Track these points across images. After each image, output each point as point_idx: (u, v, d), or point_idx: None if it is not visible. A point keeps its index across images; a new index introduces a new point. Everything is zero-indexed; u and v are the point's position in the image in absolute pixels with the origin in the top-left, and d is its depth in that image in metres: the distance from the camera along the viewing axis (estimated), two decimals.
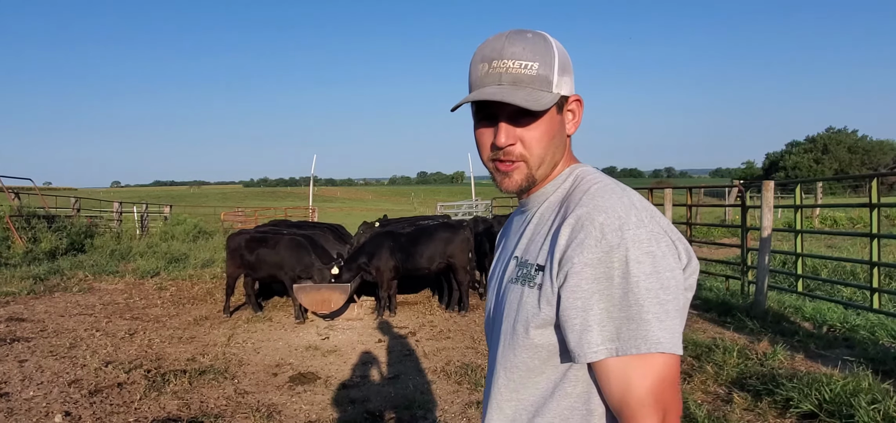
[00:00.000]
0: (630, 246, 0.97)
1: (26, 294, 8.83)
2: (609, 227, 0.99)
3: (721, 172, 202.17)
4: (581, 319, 0.99)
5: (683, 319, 1.11)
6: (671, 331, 0.96)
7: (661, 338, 0.95)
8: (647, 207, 1.05)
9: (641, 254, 0.97)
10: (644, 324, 0.95)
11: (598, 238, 0.99)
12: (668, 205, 9.36)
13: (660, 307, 0.96)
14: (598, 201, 1.03)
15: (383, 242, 7.92)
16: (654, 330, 0.95)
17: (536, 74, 1.09)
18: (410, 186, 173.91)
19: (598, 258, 0.98)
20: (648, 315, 0.95)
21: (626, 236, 0.98)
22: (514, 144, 1.12)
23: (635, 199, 1.05)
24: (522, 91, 1.08)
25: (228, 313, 7.92)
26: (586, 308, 0.99)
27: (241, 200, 65.34)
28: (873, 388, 4.01)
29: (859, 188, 32.76)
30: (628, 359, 0.96)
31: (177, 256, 12.91)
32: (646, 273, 0.96)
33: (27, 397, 4.72)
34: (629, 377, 0.97)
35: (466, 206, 27.16)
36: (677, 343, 0.97)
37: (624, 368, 0.97)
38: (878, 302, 6.11)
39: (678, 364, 0.98)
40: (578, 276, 0.99)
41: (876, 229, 6.12)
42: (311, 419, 4.45)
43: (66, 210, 17.34)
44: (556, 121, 1.13)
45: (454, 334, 6.87)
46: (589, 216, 1.01)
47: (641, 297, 0.96)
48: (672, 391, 0.97)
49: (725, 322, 6.64)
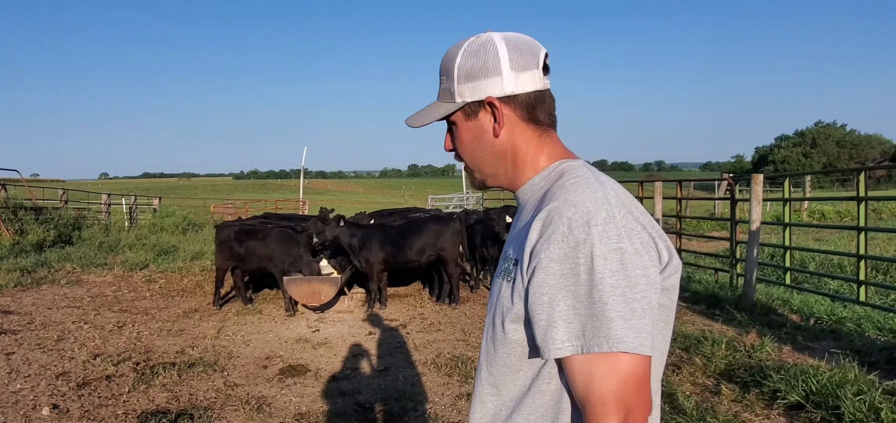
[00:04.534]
0: (596, 242, 0.96)
1: (13, 287, 8.74)
2: (576, 222, 0.98)
3: (711, 166, 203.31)
4: (546, 314, 0.99)
5: (670, 318, 1.10)
6: (636, 330, 0.94)
7: (623, 337, 0.93)
8: (626, 202, 1.03)
9: (609, 250, 0.96)
10: (607, 322, 0.94)
11: (565, 233, 0.98)
12: (657, 198, 9.40)
13: (625, 306, 0.94)
14: (570, 196, 1.02)
15: (373, 234, 7.90)
16: (617, 329, 0.94)
17: (444, 88, 1.18)
18: (401, 178, 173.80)
19: (565, 254, 0.97)
20: (612, 313, 0.94)
21: (592, 232, 0.96)
22: (451, 149, 1.24)
23: (611, 194, 1.03)
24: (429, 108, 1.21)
25: (218, 306, 7.89)
26: (552, 304, 0.98)
27: (231, 193, 65.03)
28: (859, 379, 4.06)
29: (847, 182, 33.03)
30: (592, 357, 0.95)
31: (166, 248, 12.82)
32: (612, 270, 0.95)
33: (14, 390, 4.68)
34: (592, 374, 0.95)
35: (457, 199, 27.16)
36: (643, 343, 0.94)
37: (588, 365, 0.96)
38: (864, 295, 6.17)
39: (645, 364, 0.96)
40: (545, 271, 0.99)
41: (863, 222, 6.18)
42: (302, 411, 4.44)
43: (54, 202, 17.19)
44: (469, 127, 1.18)
45: (444, 326, 6.88)
46: (558, 211, 1.01)
47: (606, 294, 0.94)
48: (637, 390, 0.95)
49: (714, 315, 6.69)
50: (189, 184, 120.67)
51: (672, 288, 1.07)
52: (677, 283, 1.07)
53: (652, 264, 0.99)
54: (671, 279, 1.05)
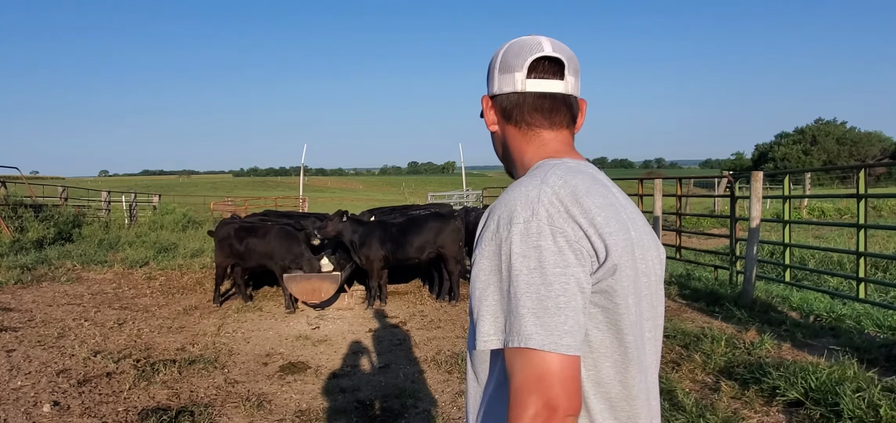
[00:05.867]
0: (515, 240, 1.00)
1: (14, 284, 8.75)
2: (503, 220, 1.03)
3: (711, 163, 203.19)
4: (477, 308, 1.04)
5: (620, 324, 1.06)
6: (549, 329, 0.95)
7: (532, 333, 0.95)
8: (568, 199, 1.03)
9: (528, 248, 0.99)
10: (519, 319, 0.97)
11: (493, 231, 1.04)
12: (657, 196, 9.40)
13: (538, 303, 0.96)
14: (507, 194, 1.07)
15: (374, 231, 7.91)
16: (527, 325, 0.96)
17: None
18: (401, 176, 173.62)
19: (492, 251, 1.03)
20: (524, 310, 0.96)
21: (513, 231, 1.01)
22: None
23: (549, 191, 1.04)
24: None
25: (218, 303, 7.90)
26: (481, 298, 1.03)
27: (231, 190, 65.01)
28: (858, 376, 4.07)
29: (847, 179, 33.04)
30: (512, 350, 0.98)
31: (166, 245, 12.83)
32: (528, 268, 0.98)
33: (15, 387, 4.69)
34: (513, 367, 0.98)
35: (457, 195, 27.16)
36: (557, 341, 0.94)
37: (510, 358, 0.99)
38: (863, 292, 6.17)
39: (565, 362, 0.95)
40: (477, 267, 1.05)
41: (863, 219, 6.17)
42: (302, 408, 4.45)
43: (54, 199, 17.18)
44: (486, 120, 1.27)
45: (444, 323, 6.89)
46: (493, 209, 1.07)
47: (520, 291, 0.97)
48: (556, 388, 0.94)
49: (714, 312, 6.70)
50: (189, 181, 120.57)
51: (610, 291, 1.04)
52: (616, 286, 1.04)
53: (578, 264, 0.99)
54: (606, 282, 1.03)
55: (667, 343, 5.56)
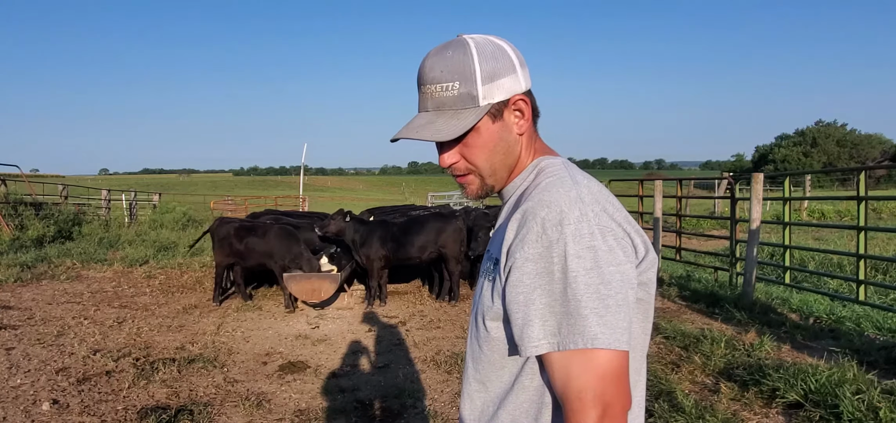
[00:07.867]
0: (569, 241, 0.98)
1: (13, 282, 8.75)
2: (549, 222, 1.00)
3: (711, 165, 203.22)
4: (523, 313, 1.01)
5: (649, 312, 1.12)
6: (612, 327, 0.96)
7: (598, 334, 0.95)
8: (601, 199, 1.04)
9: (582, 248, 0.98)
10: (582, 320, 0.96)
11: (538, 233, 1.00)
12: (657, 197, 9.40)
13: (599, 303, 0.96)
14: (544, 195, 1.04)
15: (375, 230, 7.90)
16: (592, 326, 0.95)
17: (458, 94, 1.10)
18: (401, 175, 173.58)
19: (539, 253, 1.00)
20: (586, 310, 0.96)
21: (565, 231, 0.98)
22: (457, 162, 1.16)
23: (586, 192, 1.04)
24: (441, 118, 1.10)
25: (218, 302, 7.89)
26: (528, 303, 1.00)
27: (231, 189, 64.98)
28: (858, 378, 4.06)
29: (847, 181, 33.04)
30: (569, 354, 0.97)
31: (166, 244, 12.83)
32: (585, 268, 0.97)
33: (14, 385, 4.69)
34: (569, 371, 0.97)
35: (457, 196, 27.16)
36: (619, 338, 0.96)
37: (565, 362, 0.98)
38: (863, 294, 6.17)
39: (623, 359, 0.97)
40: (520, 271, 1.01)
41: (863, 221, 6.18)
42: (301, 407, 4.45)
43: (54, 197, 17.18)
44: (494, 130, 1.12)
45: (444, 323, 6.89)
46: (532, 211, 1.02)
47: (580, 292, 0.96)
48: (615, 386, 0.96)
49: (713, 313, 6.70)
50: (189, 180, 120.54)
51: (649, 282, 1.08)
52: (654, 277, 1.09)
53: (627, 260, 1.01)
54: (647, 274, 1.07)
55: (666, 344, 5.56)
